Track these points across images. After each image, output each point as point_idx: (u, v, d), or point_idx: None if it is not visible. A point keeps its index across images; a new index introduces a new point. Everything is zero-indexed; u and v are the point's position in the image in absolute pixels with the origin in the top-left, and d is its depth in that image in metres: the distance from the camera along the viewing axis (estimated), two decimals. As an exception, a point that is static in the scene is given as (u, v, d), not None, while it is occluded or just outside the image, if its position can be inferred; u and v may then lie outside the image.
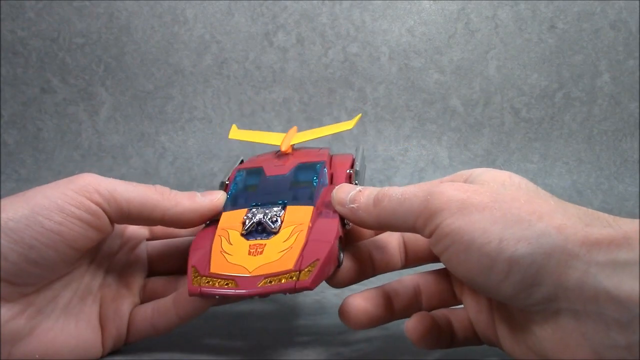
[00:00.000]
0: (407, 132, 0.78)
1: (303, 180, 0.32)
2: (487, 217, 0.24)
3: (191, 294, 0.27)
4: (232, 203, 0.31)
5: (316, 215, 0.29)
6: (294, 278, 0.25)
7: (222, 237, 0.28)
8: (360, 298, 0.30)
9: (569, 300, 0.22)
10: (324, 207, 0.30)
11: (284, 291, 0.25)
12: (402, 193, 0.27)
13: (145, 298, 0.33)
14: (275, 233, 0.28)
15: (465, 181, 0.29)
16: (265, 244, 0.27)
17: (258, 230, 0.28)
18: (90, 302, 0.30)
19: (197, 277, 0.27)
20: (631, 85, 0.79)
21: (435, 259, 0.32)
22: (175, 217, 0.29)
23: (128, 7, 0.76)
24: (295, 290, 0.25)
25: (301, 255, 0.26)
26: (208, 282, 0.26)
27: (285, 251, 0.27)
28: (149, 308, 0.31)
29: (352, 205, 0.29)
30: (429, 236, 0.26)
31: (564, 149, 0.78)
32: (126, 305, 0.31)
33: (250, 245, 0.27)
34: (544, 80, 0.79)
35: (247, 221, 0.29)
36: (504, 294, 0.24)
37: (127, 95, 0.76)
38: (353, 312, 0.29)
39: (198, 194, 0.31)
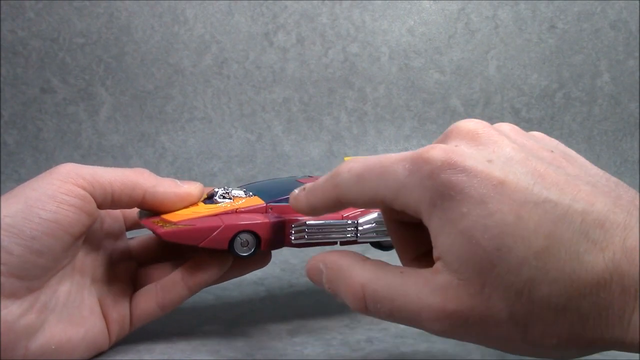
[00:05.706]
0: (407, 132, 0.78)
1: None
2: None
3: (141, 221, 0.32)
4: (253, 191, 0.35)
5: (262, 210, 0.32)
6: (165, 227, 0.30)
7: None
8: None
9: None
10: (278, 213, 0.32)
11: (152, 230, 0.31)
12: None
13: (140, 287, 0.34)
14: (217, 203, 0.32)
15: None
16: (200, 206, 0.32)
17: (210, 199, 0.33)
18: (87, 294, 0.31)
19: (154, 220, 0.31)
20: (631, 85, 0.79)
21: None
22: (156, 197, 0.31)
23: (128, 7, 0.76)
24: (153, 231, 0.30)
25: (196, 219, 0.31)
26: (153, 221, 0.31)
27: (199, 213, 0.31)
28: (151, 289, 0.32)
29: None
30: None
31: (564, 149, 0.78)
32: (123, 294, 0.32)
33: (196, 205, 0.33)
34: (544, 80, 0.79)
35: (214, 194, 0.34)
36: None
37: (127, 95, 0.76)
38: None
39: (177, 181, 0.32)
